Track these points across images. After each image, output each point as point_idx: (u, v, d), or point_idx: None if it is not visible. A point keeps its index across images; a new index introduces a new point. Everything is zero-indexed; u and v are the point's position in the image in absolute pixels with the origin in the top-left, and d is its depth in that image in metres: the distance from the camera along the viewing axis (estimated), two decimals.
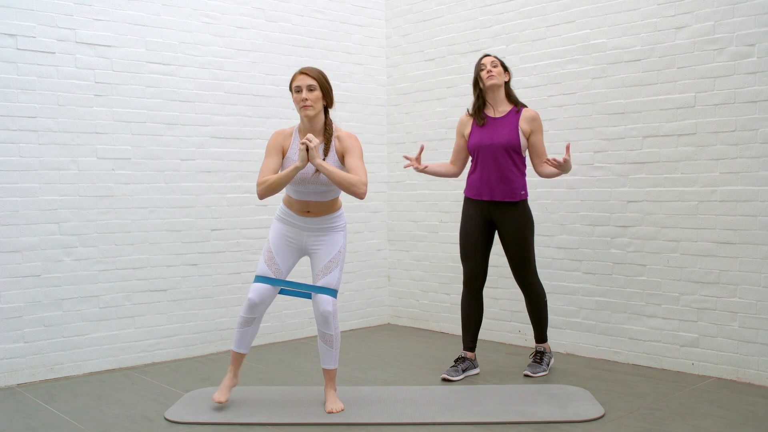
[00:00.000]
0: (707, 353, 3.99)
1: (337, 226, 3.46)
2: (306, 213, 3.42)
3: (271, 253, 3.42)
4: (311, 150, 3.18)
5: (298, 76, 3.31)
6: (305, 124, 3.36)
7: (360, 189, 3.23)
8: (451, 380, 3.95)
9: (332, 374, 3.45)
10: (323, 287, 3.36)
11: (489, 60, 3.94)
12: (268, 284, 3.39)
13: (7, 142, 3.97)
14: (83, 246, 4.22)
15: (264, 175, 3.30)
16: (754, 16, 3.78)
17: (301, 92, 3.29)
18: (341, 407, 3.39)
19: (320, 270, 3.39)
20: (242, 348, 3.45)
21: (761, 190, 3.79)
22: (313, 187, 3.33)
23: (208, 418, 3.31)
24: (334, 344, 3.38)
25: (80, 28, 4.19)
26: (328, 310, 3.33)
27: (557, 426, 3.19)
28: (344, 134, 3.38)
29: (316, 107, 3.30)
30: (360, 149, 3.35)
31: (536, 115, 3.93)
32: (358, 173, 3.25)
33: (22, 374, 4.01)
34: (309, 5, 5.22)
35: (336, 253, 3.41)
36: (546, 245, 4.67)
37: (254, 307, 3.37)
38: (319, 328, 3.38)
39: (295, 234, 3.44)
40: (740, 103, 3.84)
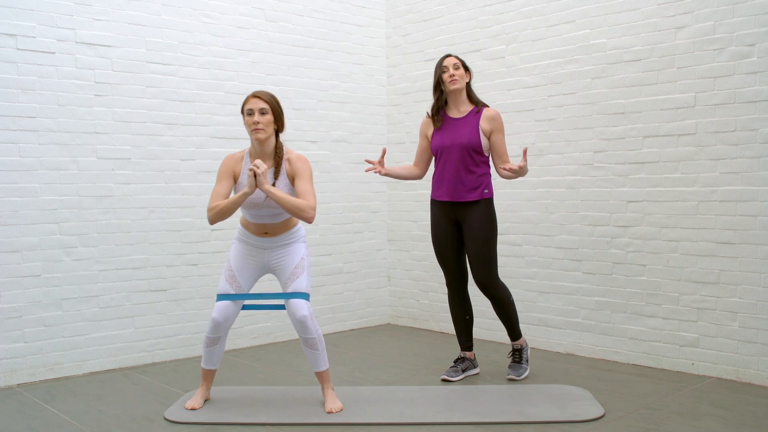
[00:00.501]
0: (707, 353, 3.99)
1: (296, 239, 3.49)
2: (264, 234, 3.44)
3: (232, 271, 3.44)
4: (259, 176, 3.19)
5: (251, 99, 3.33)
6: (256, 147, 3.37)
7: (308, 213, 3.25)
8: (450, 380, 3.95)
9: (325, 375, 3.46)
10: (294, 292, 3.37)
11: (451, 62, 3.87)
12: (231, 301, 3.40)
13: (7, 142, 3.97)
14: (83, 246, 4.22)
15: (215, 200, 3.32)
16: (754, 16, 3.78)
17: (252, 115, 3.30)
18: (340, 406, 3.40)
19: (287, 278, 3.41)
20: (212, 365, 3.50)
21: (761, 190, 3.79)
22: (266, 210, 3.36)
23: (208, 418, 3.32)
24: (318, 346, 3.39)
25: (80, 28, 4.19)
26: (304, 314, 3.32)
27: (557, 426, 3.19)
28: (295, 157, 3.39)
29: (268, 131, 3.32)
30: (309, 172, 3.37)
31: (496, 115, 3.86)
32: (306, 197, 3.28)
33: (22, 374, 4.01)
34: (309, 5, 5.22)
35: (299, 260, 3.43)
36: (546, 245, 4.67)
37: (218, 325, 3.39)
38: (300, 335, 3.38)
39: (256, 253, 3.47)
40: (740, 103, 3.84)
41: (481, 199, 3.86)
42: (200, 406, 3.47)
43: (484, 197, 3.86)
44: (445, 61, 3.90)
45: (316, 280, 5.27)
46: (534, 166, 4.71)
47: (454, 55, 3.98)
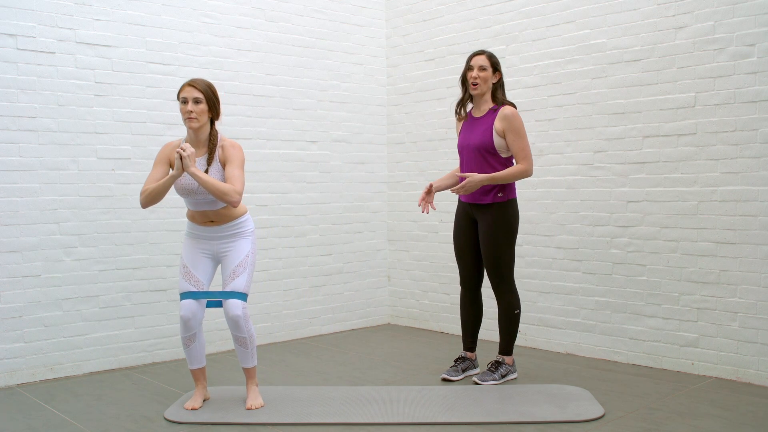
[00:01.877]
0: (707, 353, 3.99)
1: (243, 231, 3.49)
2: (209, 222, 3.46)
3: (187, 268, 3.46)
4: (185, 158, 3.21)
5: (186, 88, 3.35)
6: (191, 135, 3.41)
7: (232, 198, 3.27)
8: (451, 380, 3.95)
9: (251, 372, 3.53)
10: (231, 292, 3.39)
11: (478, 63, 3.78)
12: (193, 299, 3.42)
13: (7, 142, 3.97)
14: (83, 246, 4.22)
15: (147, 185, 3.36)
16: (754, 16, 3.78)
17: (186, 104, 3.32)
18: (261, 403, 3.47)
19: (228, 275, 3.43)
20: (196, 364, 3.52)
21: (761, 190, 3.79)
22: (201, 197, 3.37)
23: (208, 418, 3.32)
24: (248, 346, 3.45)
25: (80, 28, 4.19)
26: (237, 314, 3.36)
27: (557, 426, 3.19)
28: (228, 144, 3.42)
29: (201, 120, 3.35)
30: (240, 158, 3.39)
31: (509, 113, 3.72)
32: (233, 182, 3.30)
33: (22, 374, 4.01)
34: (309, 5, 5.22)
35: (243, 258, 3.44)
36: (546, 245, 4.67)
37: (188, 323, 3.40)
38: (232, 332, 3.43)
39: (207, 245, 3.49)
40: (740, 103, 3.84)
41: (494, 203, 3.80)
42: (200, 406, 3.47)
43: (498, 200, 3.79)
44: (473, 60, 3.81)
45: (316, 280, 5.27)
46: (534, 166, 4.70)
47: (487, 53, 3.83)
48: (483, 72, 3.77)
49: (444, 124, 5.27)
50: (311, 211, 5.23)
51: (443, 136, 5.27)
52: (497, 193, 3.79)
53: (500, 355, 3.99)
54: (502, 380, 3.90)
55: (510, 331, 3.94)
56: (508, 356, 3.97)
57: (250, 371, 3.53)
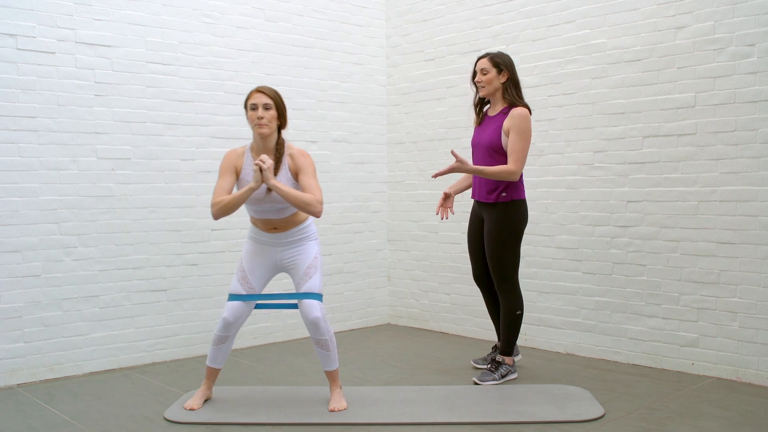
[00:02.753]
0: (707, 353, 3.99)
1: (308, 236, 3.48)
2: (273, 229, 3.43)
3: (244, 272, 3.44)
4: (265, 171, 3.18)
5: (255, 94, 3.32)
6: (258, 142, 3.36)
7: (316, 207, 3.24)
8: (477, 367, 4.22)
9: (334, 374, 3.47)
10: (307, 293, 3.36)
11: (480, 67, 3.84)
12: (242, 301, 3.40)
13: (7, 142, 3.97)
14: (83, 246, 4.22)
15: (218, 196, 3.29)
16: (754, 16, 3.78)
17: (256, 110, 3.29)
18: (344, 406, 3.41)
19: (300, 277, 3.41)
20: (217, 364, 3.50)
21: (761, 190, 3.79)
22: (269, 205, 3.34)
23: (208, 418, 3.32)
24: (330, 348, 3.39)
25: (80, 28, 4.19)
26: (317, 316, 3.32)
27: (557, 426, 3.19)
28: (297, 152, 3.38)
29: (271, 126, 3.31)
30: (313, 167, 3.36)
31: (517, 113, 3.73)
32: (312, 191, 3.26)
33: (22, 374, 4.01)
34: (309, 5, 5.22)
35: (312, 260, 3.43)
36: (546, 245, 4.67)
37: (229, 325, 3.39)
38: (312, 335, 3.38)
39: (267, 251, 3.46)
40: (740, 103, 3.84)
41: (498, 202, 3.82)
42: (199, 407, 3.46)
43: (501, 200, 3.81)
44: (477, 65, 3.88)
45: None
46: (534, 166, 4.71)
47: (490, 55, 3.85)
48: (485, 75, 3.83)
49: (444, 124, 5.27)
50: None
51: (443, 136, 5.27)
52: (501, 192, 3.81)
53: (500, 355, 3.99)
54: (502, 380, 3.90)
55: (511, 331, 3.95)
56: (508, 357, 3.98)
57: (333, 374, 3.46)
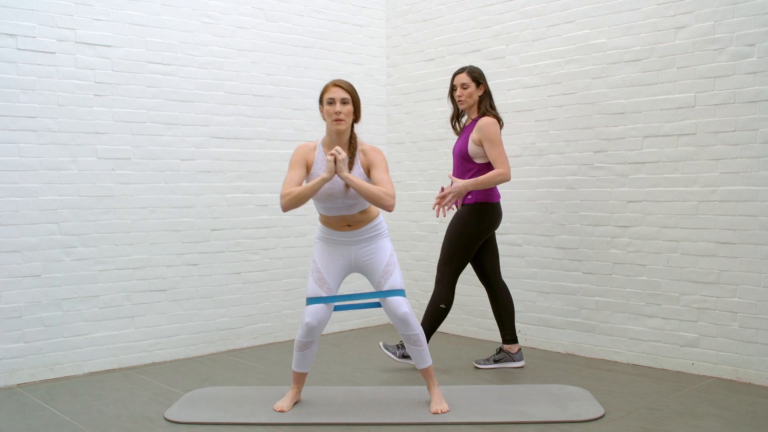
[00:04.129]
0: (707, 353, 3.99)
1: (380, 233, 3.42)
2: (346, 227, 3.37)
3: (321, 273, 3.36)
4: (339, 162, 3.13)
5: (332, 88, 3.26)
6: (332, 137, 3.31)
7: (388, 201, 3.18)
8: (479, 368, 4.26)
9: (430, 372, 3.40)
10: (392, 290, 3.31)
11: (460, 81, 4.03)
12: (323, 303, 3.32)
13: (7, 142, 3.97)
14: (83, 246, 4.22)
15: (288, 188, 3.21)
16: (754, 16, 3.78)
17: (334, 104, 3.23)
18: (446, 408, 3.34)
19: (380, 276, 3.34)
20: (304, 368, 3.44)
21: (761, 190, 3.79)
22: (341, 201, 3.28)
23: (208, 418, 3.32)
24: (421, 343, 3.34)
25: (80, 28, 4.19)
26: (405, 311, 3.27)
27: (557, 426, 3.19)
28: (368, 148, 3.35)
29: (348, 121, 3.26)
30: (385, 162, 3.32)
31: (483, 123, 3.95)
32: (384, 185, 3.21)
33: (22, 374, 4.01)
34: (309, 5, 5.22)
35: (389, 256, 3.37)
36: (546, 245, 4.67)
37: (312, 330, 3.31)
38: (402, 332, 3.32)
39: (341, 251, 3.39)
40: (740, 103, 3.84)
41: (464, 204, 4.08)
42: (289, 409, 3.40)
43: (466, 202, 4.06)
44: (455, 79, 4.08)
45: None
46: (534, 166, 4.71)
47: (468, 70, 4.06)
48: (465, 90, 4.03)
49: (444, 124, 5.27)
50: (311, 211, 5.23)
51: (443, 136, 5.27)
52: (467, 195, 4.03)
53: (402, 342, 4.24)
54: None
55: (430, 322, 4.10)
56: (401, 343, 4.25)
57: (428, 371, 3.39)
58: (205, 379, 4.08)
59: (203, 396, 3.68)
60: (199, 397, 3.67)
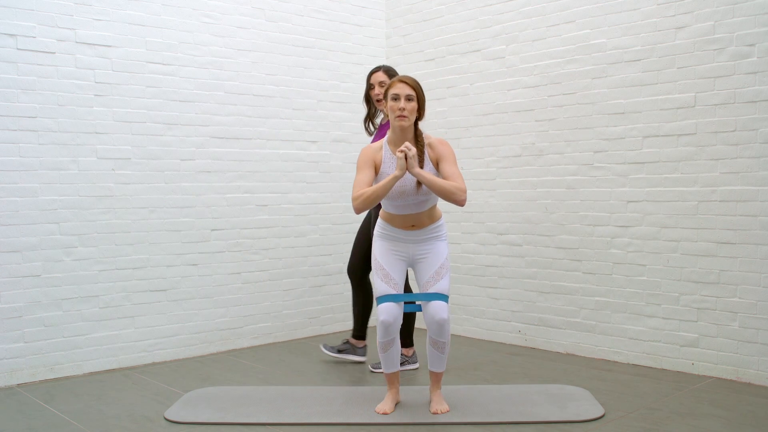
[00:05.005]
0: (707, 353, 3.99)
1: (440, 235, 3.39)
2: (411, 227, 3.33)
3: (386, 270, 3.32)
4: (410, 158, 3.09)
5: (398, 84, 3.22)
6: (396, 134, 3.26)
7: (460, 197, 3.13)
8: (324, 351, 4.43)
9: (440, 377, 3.40)
10: (438, 293, 3.27)
11: (378, 80, 4.08)
12: (394, 302, 3.29)
13: (7, 142, 3.97)
14: (83, 246, 4.22)
15: (359, 189, 3.18)
16: (754, 16, 3.78)
17: (398, 101, 3.19)
18: (447, 408, 3.35)
19: (430, 277, 3.31)
20: (392, 368, 3.40)
21: (761, 190, 3.79)
22: (412, 198, 3.24)
23: (208, 418, 3.32)
24: (446, 351, 3.32)
25: (80, 28, 4.19)
26: (443, 317, 3.23)
27: (557, 426, 3.19)
28: (436, 141, 3.29)
29: (411, 118, 3.22)
30: (454, 155, 3.27)
31: None
32: (455, 179, 3.16)
33: (22, 374, 4.01)
34: (309, 5, 5.21)
35: (443, 260, 3.33)
36: (546, 245, 4.67)
37: (389, 327, 3.27)
38: (432, 336, 3.29)
39: (401, 247, 3.36)
40: (740, 103, 3.84)
41: None
42: (391, 410, 3.36)
43: None
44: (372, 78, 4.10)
45: (316, 280, 5.27)
46: (534, 166, 4.71)
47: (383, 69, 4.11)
48: (383, 88, 3.97)
49: (444, 124, 5.27)
50: (311, 211, 5.23)
51: (443, 136, 5.27)
52: None
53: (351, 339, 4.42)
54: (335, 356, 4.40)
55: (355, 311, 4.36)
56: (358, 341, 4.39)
57: (439, 375, 3.39)
58: (205, 379, 4.08)
59: (203, 396, 3.68)
60: (199, 397, 3.67)
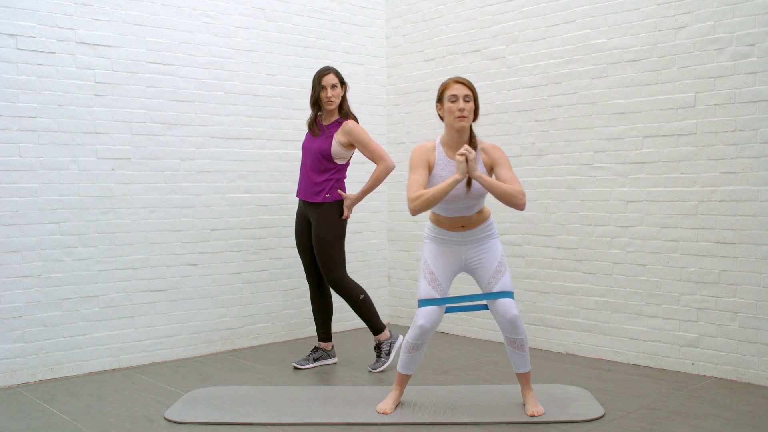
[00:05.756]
0: (707, 353, 3.99)
1: (492, 233, 3.36)
2: (460, 228, 3.30)
3: (433, 274, 3.29)
4: (471, 161, 3.08)
5: (454, 85, 3.21)
6: (453, 136, 3.25)
7: (521, 200, 3.12)
8: (300, 368, 4.27)
9: (528, 377, 3.37)
10: (503, 291, 3.25)
11: (330, 82, 4.10)
12: (436, 305, 3.26)
13: (7, 142, 3.97)
14: (83, 246, 4.22)
15: (414, 190, 3.15)
16: (754, 16, 3.78)
17: (457, 102, 3.18)
18: (542, 410, 3.29)
19: (491, 277, 3.27)
20: (410, 370, 3.39)
21: (761, 190, 3.79)
22: (463, 202, 3.22)
23: (208, 418, 3.32)
24: (525, 348, 3.28)
25: (80, 28, 4.19)
26: (514, 314, 3.20)
27: (557, 426, 3.19)
28: (489, 146, 3.28)
29: (470, 119, 3.21)
30: (508, 159, 3.27)
31: (352, 127, 4.09)
32: (513, 184, 3.16)
33: (22, 374, 4.01)
34: (309, 5, 5.22)
35: (500, 258, 3.30)
36: (546, 245, 4.67)
37: (426, 332, 3.25)
38: (507, 335, 3.26)
39: (453, 251, 3.33)
40: (740, 103, 3.84)
41: (324, 203, 4.13)
42: (392, 411, 3.35)
43: (326, 201, 4.13)
44: (324, 80, 4.12)
45: None
46: (534, 166, 4.71)
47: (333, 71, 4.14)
48: (335, 90, 4.12)
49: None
50: None
51: None
52: (326, 194, 4.11)
53: (375, 337, 4.28)
54: (393, 355, 4.25)
55: (365, 314, 4.22)
56: (381, 333, 4.26)
57: (527, 376, 3.35)
58: (205, 379, 4.08)
59: (203, 396, 3.68)
60: (199, 397, 3.67)
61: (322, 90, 4.13)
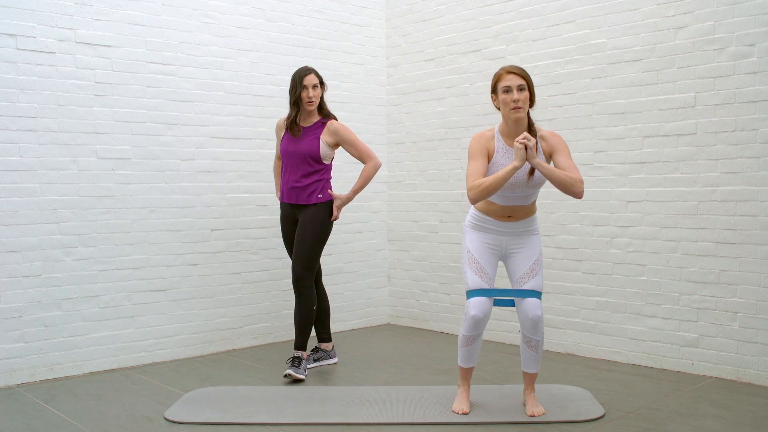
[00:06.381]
0: (707, 353, 3.99)
1: (534, 229, 3.33)
2: (507, 218, 3.26)
3: (479, 264, 3.25)
4: (530, 149, 3.04)
5: (507, 76, 3.15)
6: (510, 126, 3.20)
7: (579, 188, 3.07)
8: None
9: (534, 378, 3.36)
10: (533, 290, 3.22)
11: (312, 82, 4.06)
12: (486, 296, 3.22)
13: (7, 142, 3.97)
14: (83, 246, 4.22)
15: (474, 178, 3.12)
16: (754, 16, 3.78)
17: (511, 92, 3.12)
18: (543, 411, 3.29)
19: (525, 273, 3.24)
20: (470, 363, 3.35)
21: (761, 190, 3.79)
22: (522, 190, 3.18)
23: (208, 418, 3.32)
24: (539, 350, 3.27)
25: (80, 28, 4.19)
26: (538, 314, 3.18)
27: (557, 426, 3.19)
28: (548, 133, 3.24)
29: (526, 108, 3.16)
30: (567, 147, 3.21)
31: (338, 127, 4.11)
32: (572, 171, 3.11)
33: (22, 374, 4.01)
34: (309, 5, 5.22)
35: (538, 256, 3.27)
36: (546, 245, 4.67)
37: (479, 323, 3.21)
38: (526, 333, 3.24)
39: (495, 240, 3.29)
40: (740, 103, 3.84)
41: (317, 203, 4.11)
42: (469, 409, 3.33)
43: (318, 201, 4.11)
44: (306, 80, 4.07)
45: None
46: None
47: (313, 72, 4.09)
48: (315, 90, 4.08)
49: (444, 124, 5.27)
50: None
51: (443, 136, 5.27)
52: (318, 194, 4.11)
53: (295, 349, 4.11)
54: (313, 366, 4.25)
55: (302, 325, 4.09)
56: (304, 351, 4.11)
57: (534, 377, 3.34)
58: (205, 379, 4.08)
59: (203, 396, 3.68)
60: (199, 397, 3.67)
61: (304, 90, 4.06)
